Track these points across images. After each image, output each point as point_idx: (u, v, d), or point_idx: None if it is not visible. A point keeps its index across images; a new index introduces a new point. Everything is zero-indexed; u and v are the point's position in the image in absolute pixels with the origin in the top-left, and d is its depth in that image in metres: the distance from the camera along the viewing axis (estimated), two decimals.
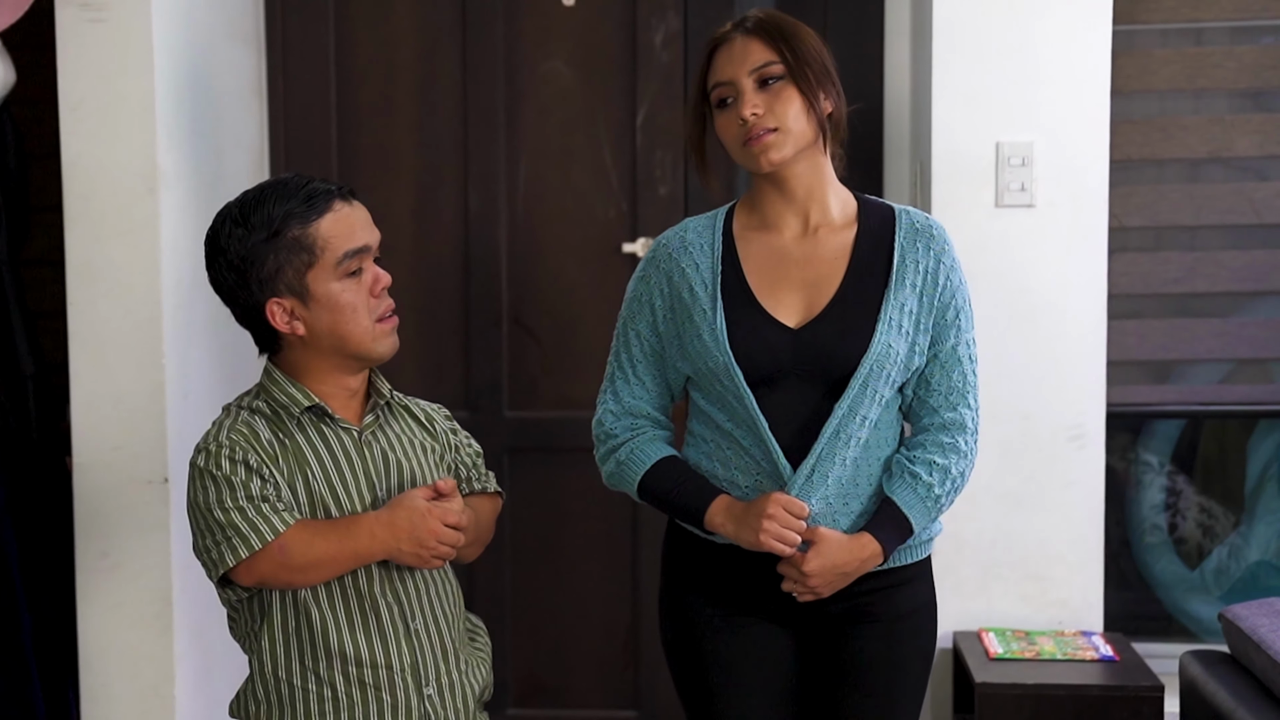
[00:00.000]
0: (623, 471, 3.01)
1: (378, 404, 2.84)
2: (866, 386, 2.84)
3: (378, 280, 2.76)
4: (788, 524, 2.81)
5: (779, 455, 2.85)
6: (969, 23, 3.93)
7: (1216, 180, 4.18)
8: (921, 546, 2.99)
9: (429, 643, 2.78)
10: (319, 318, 2.72)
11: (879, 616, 2.94)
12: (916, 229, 2.93)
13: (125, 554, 3.80)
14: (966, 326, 2.93)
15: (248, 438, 2.72)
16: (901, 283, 2.89)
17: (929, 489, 2.87)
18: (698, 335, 2.91)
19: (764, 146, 2.87)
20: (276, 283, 2.71)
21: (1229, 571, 4.47)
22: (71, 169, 3.77)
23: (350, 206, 2.75)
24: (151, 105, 3.75)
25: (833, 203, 2.95)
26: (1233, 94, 4.18)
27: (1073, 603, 4.00)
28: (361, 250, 2.73)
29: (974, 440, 2.94)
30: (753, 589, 2.94)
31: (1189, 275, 4.09)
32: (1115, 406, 4.05)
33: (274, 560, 2.65)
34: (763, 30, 2.89)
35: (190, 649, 3.87)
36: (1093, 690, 3.59)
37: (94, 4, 3.71)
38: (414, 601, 2.78)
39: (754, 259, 2.94)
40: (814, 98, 2.86)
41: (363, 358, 2.76)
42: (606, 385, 3.07)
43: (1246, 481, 4.50)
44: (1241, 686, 3.27)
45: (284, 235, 2.69)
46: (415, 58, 4.50)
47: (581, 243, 4.48)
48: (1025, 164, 3.93)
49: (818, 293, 2.90)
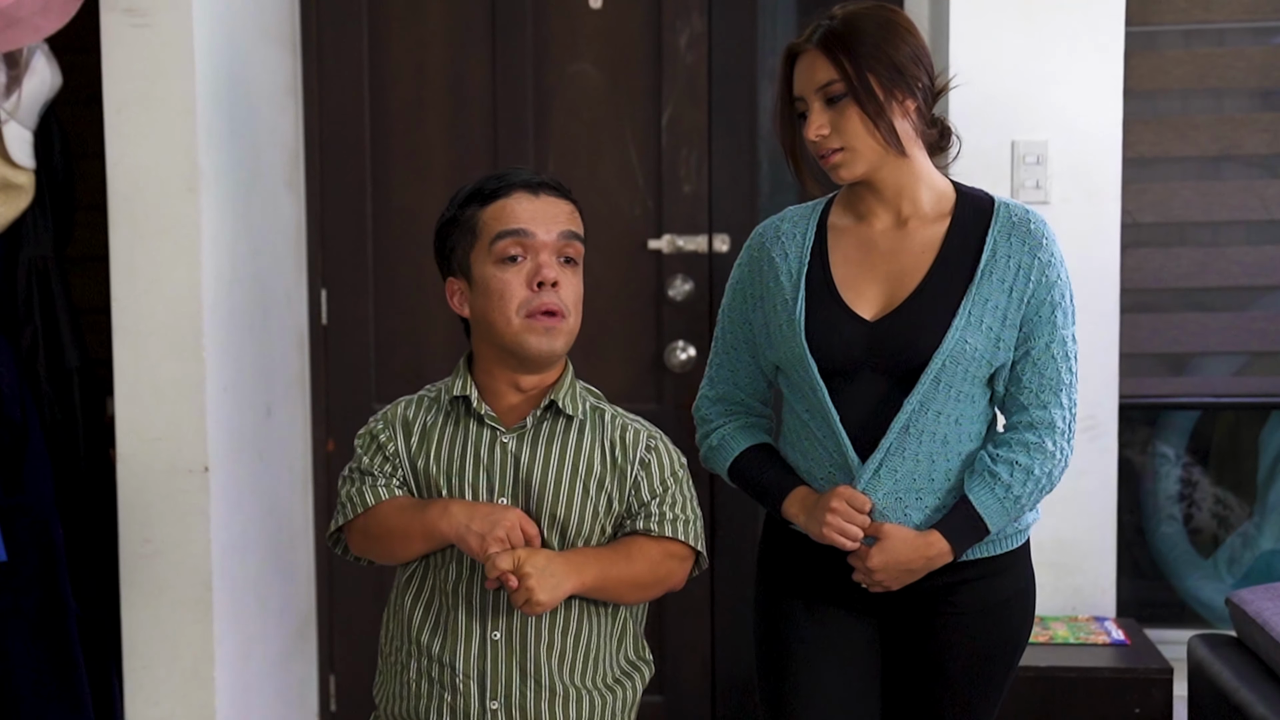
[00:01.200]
0: (715, 456, 3.02)
1: (545, 414, 2.69)
2: (939, 381, 2.79)
3: (539, 272, 2.63)
4: (850, 518, 2.79)
5: (848, 447, 2.82)
6: (985, 25, 3.99)
7: (1228, 177, 4.24)
8: (1014, 536, 2.93)
9: (506, 657, 2.64)
10: (476, 302, 2.67)
11: (965, 609, 2.89)
12: (1014, 222, 2.85)
13: (166, 541, 3.85)
14: (1064, 323, 2.83)
15: (395, 417, 2.74)
16: (988, 277, 2.81)
17: (1007, 489, 2.79)
18: (779, 325, 2.89)
19: (833, 166, 2.84)
20: (452, 262, 2.71)
21: (1241, 560, 4.53)
22: (115, 168, 3.81)
23: (535, 198, 2.67)
24: (192, 107, 3.78)
25: (925, 195, 2.89)
26: (1243, 93, 4.24)
27: (1086, 589, 4.06)
28: (517, 233, 2.63)
29: (1065, 440, 2.84)
30: (837, 580, 2.91)
31: (1201, 270, 4.14)
32: (1128, 398, 4.11)
33: (359, 531, 2.70)
34: (826, 44, 2.82)
35: (229, 632, 3.93)
36: (1103, 673, 3.67)
37: (138, 9, 3.76)
38: (500, 612, 2.64)
39: (842, 250, 2.91)
40: (876, 115, 2.79)
41: (510, 350, 2.65)
42: (707, 370, 3.08)
43: (1259, 472, 4.56)
44: (1245, 668, 3.34)
45: (462, 216, 2.69)
46: (446, 59, 4.54)
47: (608, 240, 4.51)
48: (1040, 162, 3.99)
49: (900, 285, 2.85)
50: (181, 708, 3.90)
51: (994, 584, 2.89)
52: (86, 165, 4.09)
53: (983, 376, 2.82)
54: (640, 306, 4.55)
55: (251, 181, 4.15)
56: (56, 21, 3.70)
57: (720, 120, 4.48)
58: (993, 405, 2.90)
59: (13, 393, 3.83)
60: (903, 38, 2.84)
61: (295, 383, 4.53)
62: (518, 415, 2.70)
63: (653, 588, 2.70)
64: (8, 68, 3.77)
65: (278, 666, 4.29)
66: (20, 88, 3.77)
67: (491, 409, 2.69)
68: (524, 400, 2.70)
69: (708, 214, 4.50)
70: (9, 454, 3.82)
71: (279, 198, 4.39)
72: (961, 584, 2.87)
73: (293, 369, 4.50)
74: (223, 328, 3.94)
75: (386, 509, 2.68)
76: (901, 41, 2.83)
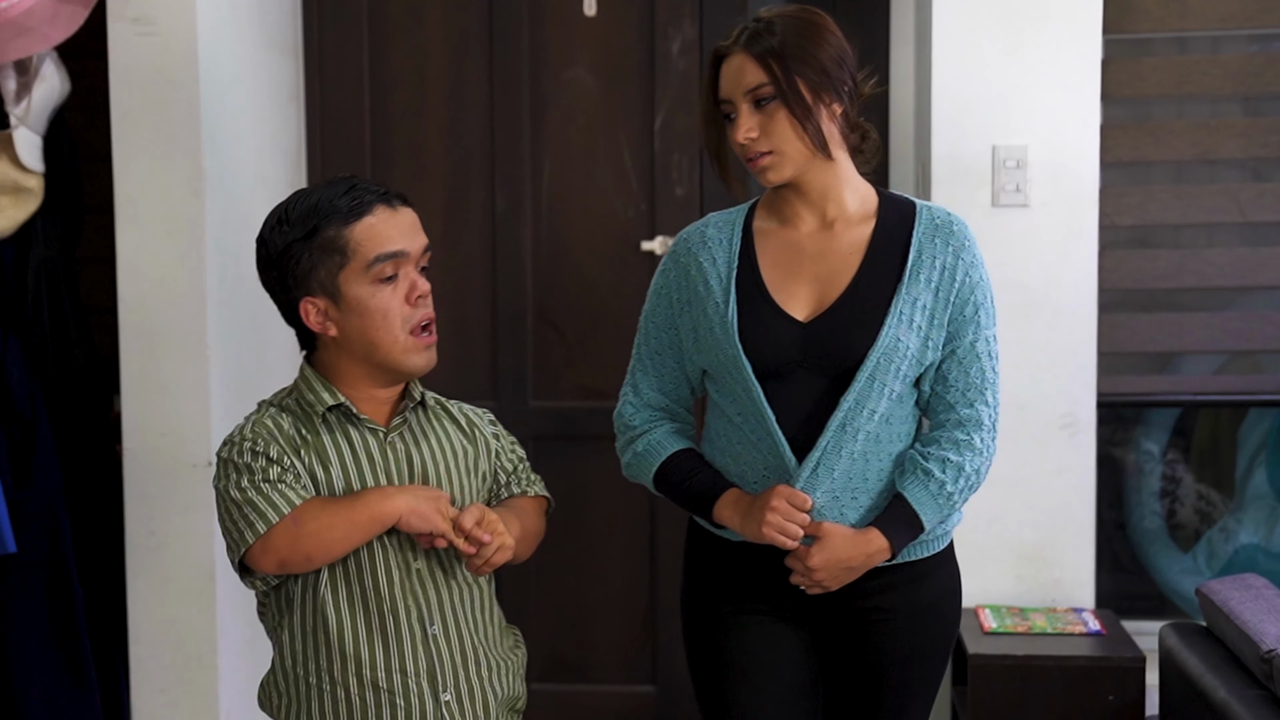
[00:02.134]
0: (640, 462, 2.98)
1: (408, 406, 2.74)
2: (874, 380, 2.78)
3: (414, 288, 2.65)
4: (790, 517, 2.77)
5: (785, 448, 2.81)
6: (966, 33, 4.04)
7: (1203, 181, 4.29)
8: (940, 539, 2.94)
9: (448, 648, 2.68)
10: (350, 321, 2.63)
11: (897, 611, 2.89)
12: (936, 224, 2.87)
13: (171, 533, 3.93)
14: (986, 323, 2.85)
15: (271, 431, 2.65)
16: (915, 278, 2.82)
17: (941, 486, 2.80)
18: (710, 329, 2.86)
19: (761, 169, 2.84)
20: (310, 281, 2.63)
21: (1220, 553, 4.59)
22: (122, 172, 3.90)
23: (394, 212, 2.65)
24: (196, 112, 3.87)
25: (850, 199, 2.89)
26: (1218, 99, 4.29)
27: (1065, 581, 4.12)
28: (396, 255, 2.62)
29: (991, 437, 2.86)
30: (768, 585, 2.89)
31: (1177, 271, 4.18)
32: (1106, 396, 4.17)
33: (289, 534, 2.57)
34: (754, 47, 2.80)
35: (232, 621, 4.00)
36: (1079, 661, 3.74)
37: (144, 18, 3.84)
38: (433, 606, 2.67)
39: (770, 254, 2.89)
40: (805, 119, 2.79)
41: (392, 369, 2.67)
42: (628, 377, 3.03)
43: (1238, 468, 4.62)
44: (1212, 655, 3.41)
45: (319, 234, 2.60)
46: (445, 65, 4.59)
47: (602, 241, 4.58)
48: (1020, 166, 4.04)
49: (830, 286, 2.84)
50: (185, 693, 3.98)
51: (922, 587, 2.91)
52: (94, 169, 4.15)
53: (912, 376, 2.83)
54: (634, 306, 4.46)
55: (255, 185, 4.21)
56: (65, 30, 3.76)
57: None
58: (918, 406, 2.91)
59: (22, 389, 3.90)
60: (828, 40, 2.84)
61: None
62: (384, 416, 2.72)
63: (538, 538, 2.85)
64: (18, 75, 3.85)
65: None
66: (30, 94, 3.84)
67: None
68: (385, 404, 2.73)
69: (699, 216, 4.45)
70: (19, 448, 3.90)
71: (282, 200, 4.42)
72: (889, 588, 2.88)
73: (294, 368, 4.51)
74: (226, 327, 4.00)
75: (314, 506, 2.60)
76: (826, 44, 2.83)
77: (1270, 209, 4.19)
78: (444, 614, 2.69)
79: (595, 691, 4.72)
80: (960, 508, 2.90)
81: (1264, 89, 4.21)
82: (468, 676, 2.70)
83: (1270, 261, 4.20)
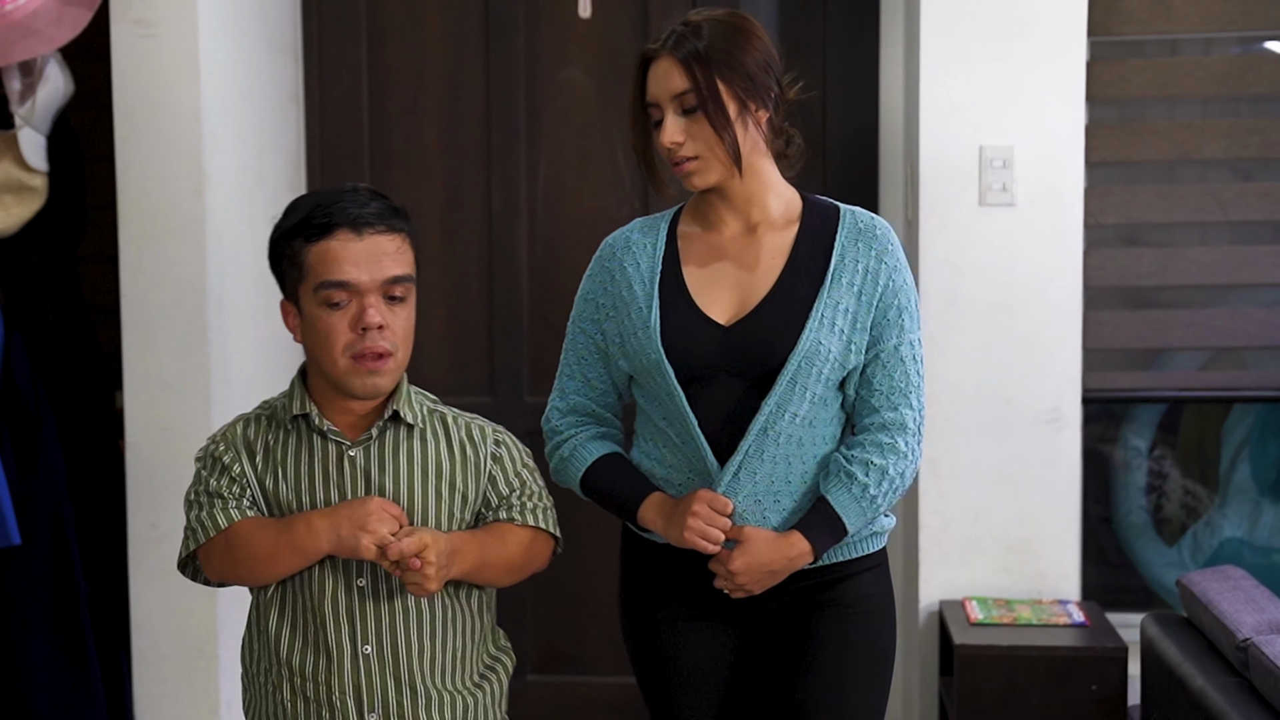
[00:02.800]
0: (565, 468, 2.96)
1: (387, 424, 2.66)
2: (795, 383, 2.78)
3: (362, 317, 2.58)
4: (712, 521, 2.76)
5: (707, 452, 2.80)
6: (954, 36, 4.09)
7: (1186, 181, 4.33)
8: (869, 540, 2.93)
9: (379, 670, 2.63)
10: (305, 334, 2.64)
11: (826, 603, 2.89)
12: (859, 229, 2.87)
13: (173, 525, 3.90)
14: (910, 326, 2.84)
15: (236, 436, 2.67)
16: (838, 281, 2.82)
17: (864, 489, 2.79)
18: (634, 333, 2.85)
19: (686, 174, 2.82)
20: (285, 285, 2.66)
21: (1204, 547, 4.63)
22: (124, 171, 3.95)
23: (358, 239, 2.58)
24: (198, 112, 3.91)
25: (774, 203, 2.89)
26: (1200, 100, 4.33)
27: (1050, 574, 4.17)
28: (341, 285, 2.57)
29: (916, 441, 2.85)
30: (698, 588, 2.88)
31: (1161, 270, 4.22)
32: (1091, 392, 4.23)
33: (221, 554, 2.61)
34: (680, 53, 2.77)
35: (232, 612, 4.04)
36: (1062, 652, 3.80)
37: (146, 20, 3.89)
38: (370, 625, 2.62)
39: (693, 258, 2.89)
40: (723, 129, 2.76)
41: (337, 387, 2.62)
42: (555, 383, 3.02)
43: (1221, 463, 4.67)
44: (1191, 644, 3.48)
45: (289, 245, 2.62)
46: (442, 67, 4.65)
47: (597, 239, 4.40)
48: (1006, 166, 4.09)
49: (752, 290, 2.84)
50: (186, 684, 4.03)
51: (852, 585, 2.89)
52: (96, 168, 4.18)
53: (835, 379, 2.82)
54: None
55: (254, 184, 4.27)
56: (69, 32, 3.80)
57: None
58: (844, 409, 2.89)
59: (26, 384, 3.94)
60: (754, 44, 2.81)
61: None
62: (359, 429, 2.67)
63: (523, 570, 2.74)
64: (22, 75, 3.89)
65: None
66: (34, 95, 3.89)
67: (333, 424, 2.66)
68: (362, 416, 2.67)
69: None
70: (23, 442, 3.93)
71: (281, 199, 4.37)
72: (821, 589, 2.88)
73: (293, 363, 4.55)
74: (226, 323, 4.05)
75: (243, 530, 2.61)
76: (753, 49, 2.81)
77: (1252, 208, 4.24)
78: (381, 635, 2.64)
79: (589, 683, 4.76)
80: (885, 511, 2.88)
81: (1246, 90, 4.25)
82: (399, 702, 2.64)
83: (1252, 260, 4.25)
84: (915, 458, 2.85)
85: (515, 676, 4.59)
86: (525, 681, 4.76)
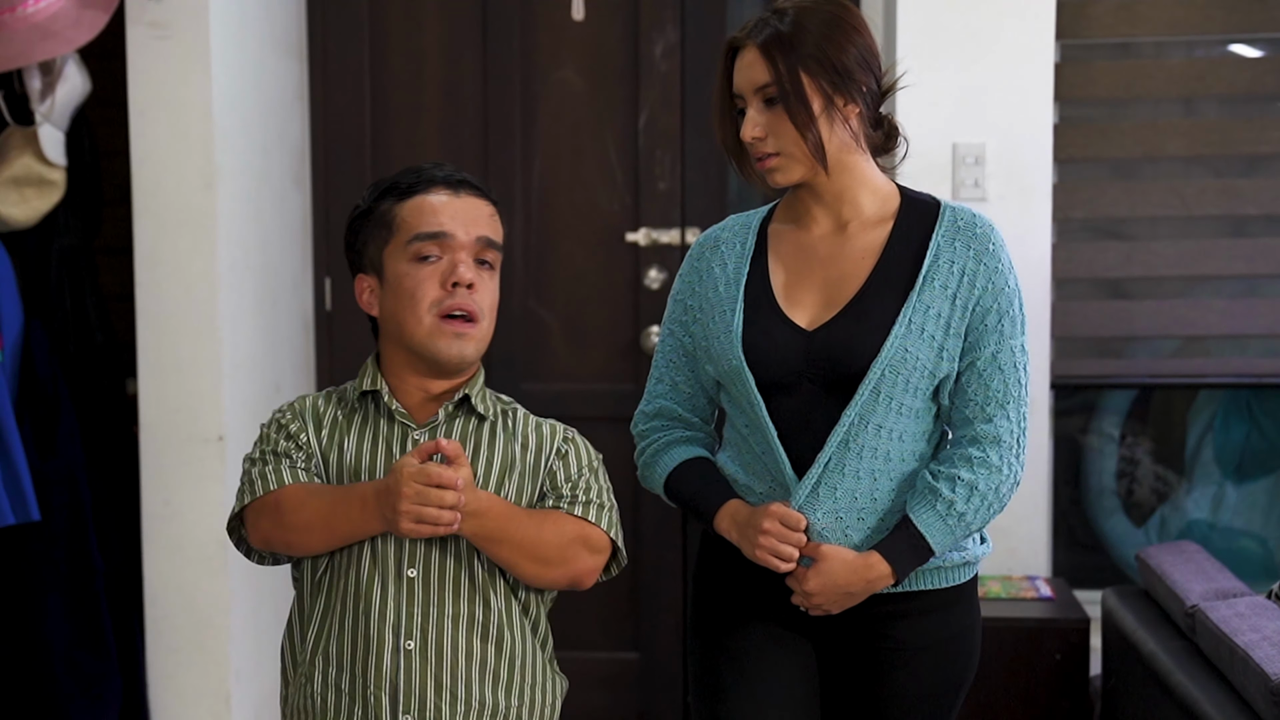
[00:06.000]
0: (649, 471, 2.79)
1: (458, 411, 2.53)
2: (879, 393, 2.58)
3: (453, 273, 2.45)
4: (784, 538, 2.58)
5: (785, 464, 2.61)
6: (929, 38, 4.21)
7: (1149, 178, 4.45)
8: (960, 569, 2.72)
9: (420, 668, 2.44)
10: (387, 300, 2.50)
11: (907, 644, 2.69)
12: (959, 227, 2.64)
13: (184, 503, 4.06)
14: (1011, 332, 2.60)
15: (304, 408, 2.54)
16: (931, 283, 2.60)
17: (949, 505, 2.57)
18: (717, 336, 2.68)
19: (768, 170, 2.65)
20: (364, 258, 2.54)
21: (1171, 529, 4.74)
22: (139, 166, 4.02)
23: (456, 196, 2.50)
24: (209, 110, 3.99)
25: (868, 200, 2.68)
26: (1163, 101, 4.46)
27: (1021, 551, 4.31)
28: (437, 235, 2.46)
29: (1014, 455, 2.61)
30: (776, 598, 2.70)
31: (1126, 262, 4.35)
32: (1059, 379, 4.37)
33: (271, 514, 2.44)
34: (766, 45, 2.59)
35: (242, 586, 4.14)
36: (1029, 623, 3.94)
37: (160, 22, 3.97)
38: (415, 619, 2.44)
39: (781, 257, 2.70)
40: (805, 128, 2.58)
41: (420, 353, 2.48)
42: (647, 385, 2.86)
43: (1187, 448, 4.78)
44: (1146, 613, 3.64)
45: (376, 210, 2.51)
46: (441, 67, 4.74)
47: (589, 233, 4.72)
48: (978, 162, 4.22)
49: (838, 292, 2.64)
50: (198, 654, 4.12)
51: (937, 619, 2.70)
52: (112, 163, 4.26)
53: (926, 389, 2.62)
54: (618, 294, 4.76)
55: (262, 179, 4.35)
56: (87, 34, 3.90)
57: (692, 124, 4.67)
58: (940, 422, 2.69)
59: (46, 369, 4.04)
60: (851, 39, 2.61)
61: (301, 361, 4.71)
62: (428, 413, 2.53)
63: (555, 565, 2.49)
64: (42, 75, 3.99)
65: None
66: (54, 93, 3.99)
67: (401, 405, 2.53)
68: (435, 401, 2.54)
69: (680, 209, 4.70)
70: (42, 424, 4.03)
71: (287, 193, 4.59)
72: (903, 616, 2.68)
73: (299, 349, 4.70)
74: (236, 312, 4.14)
75: (298, 493, 2.45)
76: (849, 43, 2.60)
77: (1212, 203, 4.37)
78: (427, 631, 2.45)
79: (583, 658, 4.79)
80: (978, 531, 2.68)
81: (1206, 91, 4.39)
82: (438, 706, 2.45)
83: (1212, 252, 4.37)
84: (1013, 473, 2.63)
85: None
86: None
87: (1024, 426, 2.63)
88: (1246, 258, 4.39)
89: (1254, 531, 4.69)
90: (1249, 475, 4.72)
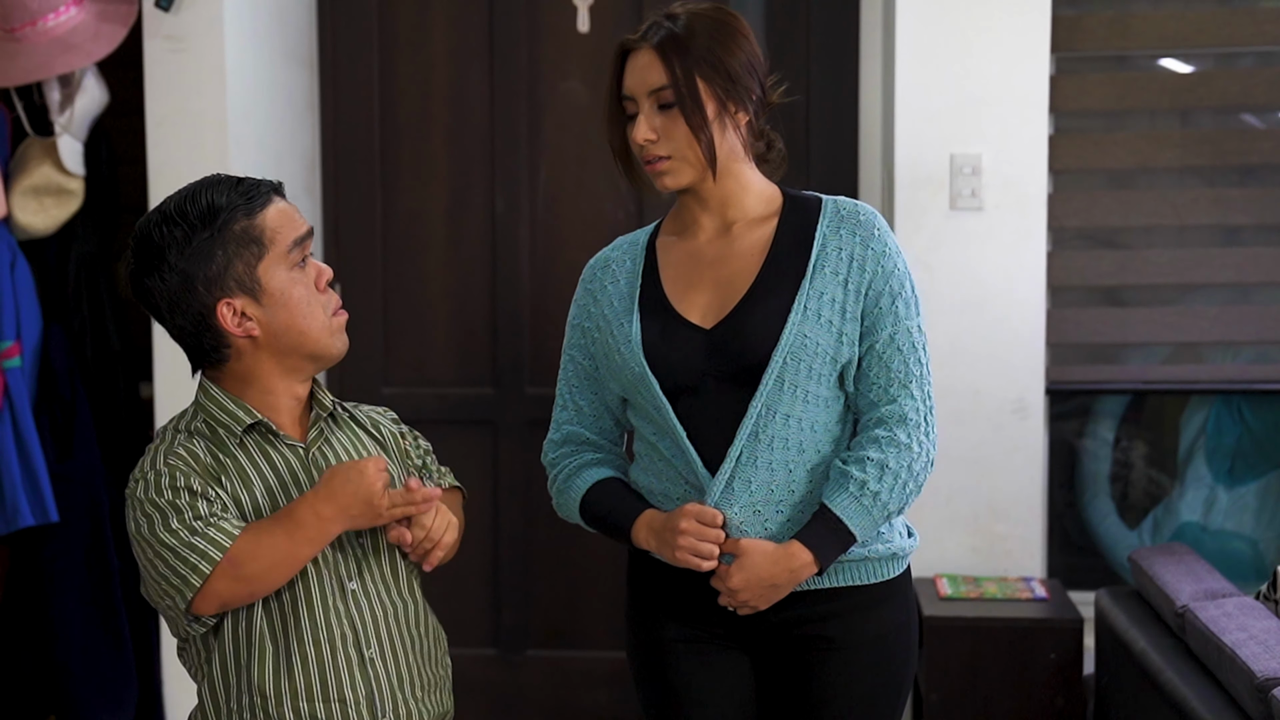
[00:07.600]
0: (562, 499, 2.79)
1: (320, 417, 2.52)
2: (783, 381, 2.60)
3: (321, 274, 2.46)
4: (702, 536, 2.58)
5: (697, 464, 2.63)
6: (927, 51, 4.27)
7: (1143, 188, 4.50)
8: (888, 562, 2.71)
9: (385, 671, 2.48)
10: (274, 315, 2.42)
11: (839, 644, 2.68)
12: (841, 215, 2.67)
13: None
14: (906, 314, 2.63)
15: (187, 461, 2.41)
16: (821, 270, 2.63)
17: (862, 486, 2.57)
18: (617, 349, 2.70)
19: (658, 173, 2.66)
20: (226, 280, 2.39)
21: (1164, 531, 4.80)
22: (156, 174, 4.10)
23: (286, 202, 2.47)
24: (223, 120, 4.08)
25: (751, 203, 2.72)
26: (1156, 113, 4.53)
27: (1016, 553, 4.38)
28: (307, 237, 2.45)
29: (921, 433, 2.62)
30: (706, 607, 2.69)
31: (1119, 270, 4.42)
32: (1054, 384, 4.44)
33: (228, 576, 2.34)
34: (662, 46, 2.60)
35: None
36: (1023, 623, 4.01)
37: (176, 35, 4.05)
38: (369, 628, 2.47)
39: (671, 266, 2.73)
40: (699, 130, 2.60)
41: (319, 356, 2.47)
42: (552, 415, 2.85)
43: (1179, 451, 4.83)
44: (1138, 613, 3.71)
45: (230, 228, 2.38)
46: (448, 78, 4.80)
47: (594, 240, 4.46)
48: (975, 173, 4.27)
49: (732, 289, 2.67)
50: None
51: (870, 616, 2.69)
52: (130, 172, 4.33)
53: (830, 375, 2.63)
54: None
55: None
56: (106, 47, 3.99)
57: None
58: (850, 413, 2.70)
59: (63, 372, 4.12)
60: (739, 44, 2.64)
61: None
62: (299, 428, 2.52)
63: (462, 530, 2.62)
64: (62, 87, 4.07)
65: None
66: (73, 105, 4.07)
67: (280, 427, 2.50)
68: (298, 408, 2.53)
69: None
70: (61, 428, 4.12)
71: (298, 201, 4.56)
72: (835, 615, 2.68)
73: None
74: None
75: (248, 542, 2.36)
76: (738, 49, 2.64)
77: (1204, 213, 4.43)
78: (380, 635, 2.50)
79: (585, 657, 4.89)
80: (897, 513, 2.66)
81: (1197, 103, 4.46)
82: (405, 699, 2.51)
83: (1205, 260, 4.45)
84: (924, 450, 2.63)
85: (515, 650, 4.84)
86: (525, 655, 4.89)
87: (930, 405, 2.65)
88: (1238, 266, 4.46)
89: (1245, 533, 4.75)
90: (1240, 478, 4.78)
